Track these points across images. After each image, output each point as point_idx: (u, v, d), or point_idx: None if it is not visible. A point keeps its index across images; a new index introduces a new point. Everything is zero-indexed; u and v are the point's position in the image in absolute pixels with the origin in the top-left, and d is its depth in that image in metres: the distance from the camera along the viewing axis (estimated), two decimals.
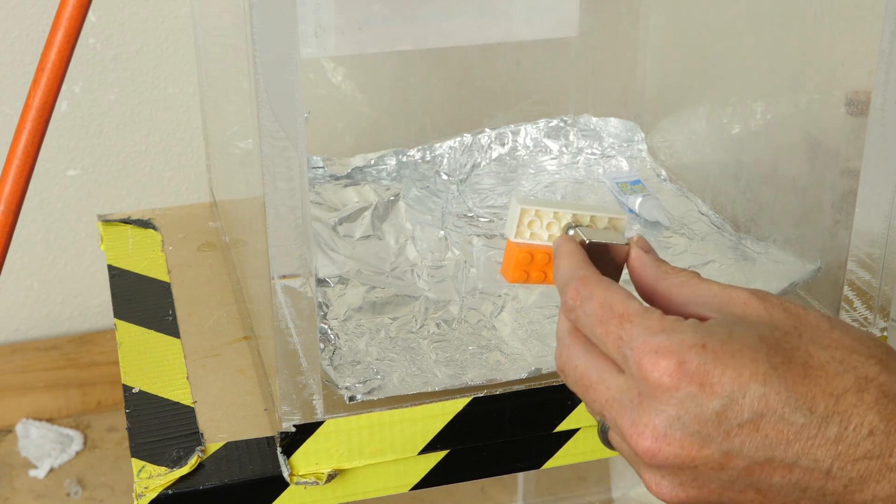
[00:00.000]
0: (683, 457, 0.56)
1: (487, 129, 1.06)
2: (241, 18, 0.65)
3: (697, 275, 0.62)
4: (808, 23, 0.84)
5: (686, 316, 0.59)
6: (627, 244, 0.65)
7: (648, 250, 0.65)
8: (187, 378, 0.82)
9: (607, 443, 0.62)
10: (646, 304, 0.59)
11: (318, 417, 0.73)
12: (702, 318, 0.59)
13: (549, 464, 0.80)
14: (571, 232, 0.69)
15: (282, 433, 0.73)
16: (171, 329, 0.88)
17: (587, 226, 0.70)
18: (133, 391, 0.81)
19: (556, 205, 0.71)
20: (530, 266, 0.71)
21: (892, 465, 0.54)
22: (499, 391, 0.76)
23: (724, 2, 0.97)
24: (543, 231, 0.71)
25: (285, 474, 0.74)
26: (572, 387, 0.61)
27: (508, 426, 0.77)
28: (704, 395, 0.55)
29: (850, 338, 0.58)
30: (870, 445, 0.54)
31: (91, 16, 1.36)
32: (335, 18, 0.97)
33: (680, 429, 0.55)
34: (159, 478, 0.73)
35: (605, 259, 0.66)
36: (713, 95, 1.00)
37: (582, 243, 0.66)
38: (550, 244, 0.70)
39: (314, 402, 0.73)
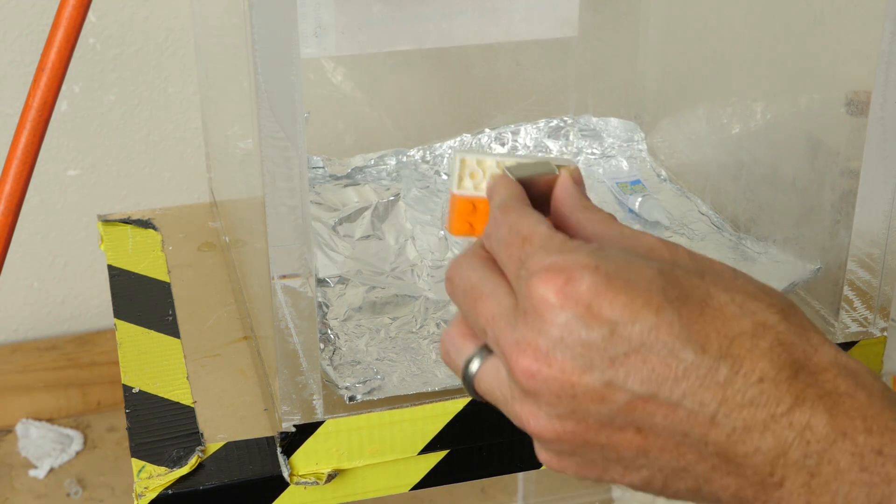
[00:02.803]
0: (563, 381, 0.53)
1: (487, 129, 1.06)
2: (241, 18, 0.65)
3: (613, 217, 0.60)
4: (808, 23, 0.84)
5: None
6: (556, 173, 0.63)
7: (578, 181, 0.62)
8: (187, 378, 0.82)
9: (473, 391, 0.59)
10: (553, 229, 0.57)
11: (318, 417, 0.73)
12: None
13: None
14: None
15: (282, 433, 0.73)
16: (171, 329, 0.88)
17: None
18: (133, 391, 0.81)
19: (498, 155, 0.67)
20: (473, 217, 0.67)
21: (777, 415, 0.51)
22: None
23: (724, 2, 0.97)
24: (486, 182, 0.67)
25: (285, 474, 0.74)
26: (458, 298, 0.58)
27: (508, 426, 0.77)
28: (591, 317, 0.52)
29: (753, 286, 0.55)
30: (757, 392, 0.52)
31: (91, 16, 1.36)
32: (335, 18, 0.97)
33: (562, 351, 0.52)
34: (159, 478, 0.73)
35: (537, 192, 0.63)
36: (713, 95, 1.00)
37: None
38: None
39: (314, 402, 0.73)
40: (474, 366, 0.58)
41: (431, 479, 0.78)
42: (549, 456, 0.57)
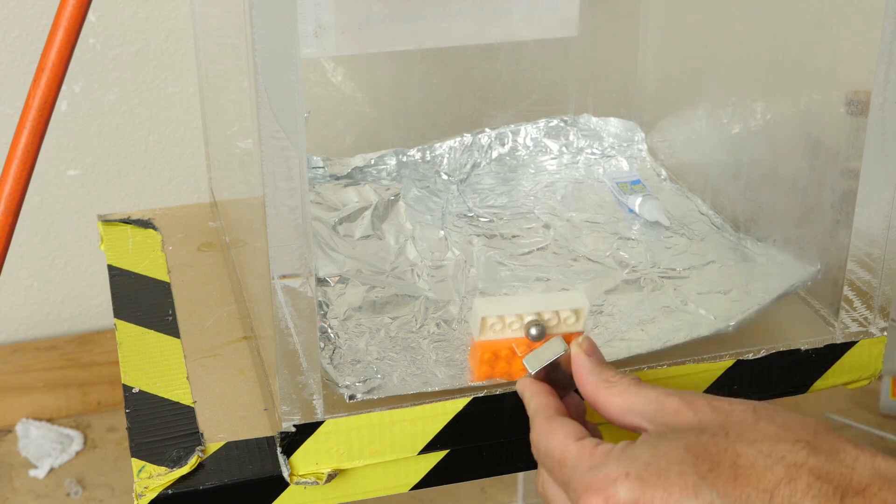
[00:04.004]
0: None
1: (487, 129, 1.06)
2: (241, 18, 0.65)
3: (636, 381, 0.65)
4: (808, 23, 0.84)
5: (624, 425, 0.63)
6: (568, 353, 0.69)
7: (591, 352, 0.68)
8: (187, 378, 0.82)
9: None
10: (580, 440, 0.62)
11: (318, 417, 0.73)
12: (638, 429, 0.63)
13: None
14: (533, 332, 0.73)
15: (282, 433, 0.73)
16: (171, 329, 0.88)
17: (546, 322, 0.74)
18: (133, 391, 0.81)
19: (517, 305, 0.74)
20: (495, 362, 0.75)
21: None
22: (499, 391, 0.76)
23: (724, 2, 0.97)
24: (507, 329, 0.74)
25: (285, 474, 0.74)
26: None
27: (508, 426, 0.77)
28: None
29: (775, 426, 0.59)
30: None
31: (91, 16, 1.36)
32: (335, 18, 0.97)
33: None
34: (159, 478, 0.73)
35: (557, 371, 0.71)
36: (713, 95, 0.99)
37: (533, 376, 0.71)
38: (513, 337, 0.74)
39: (314, 401, 0.73)
40: None
41: (431, 479, 0.78)
42: None
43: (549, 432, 0.64)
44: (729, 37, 0.97)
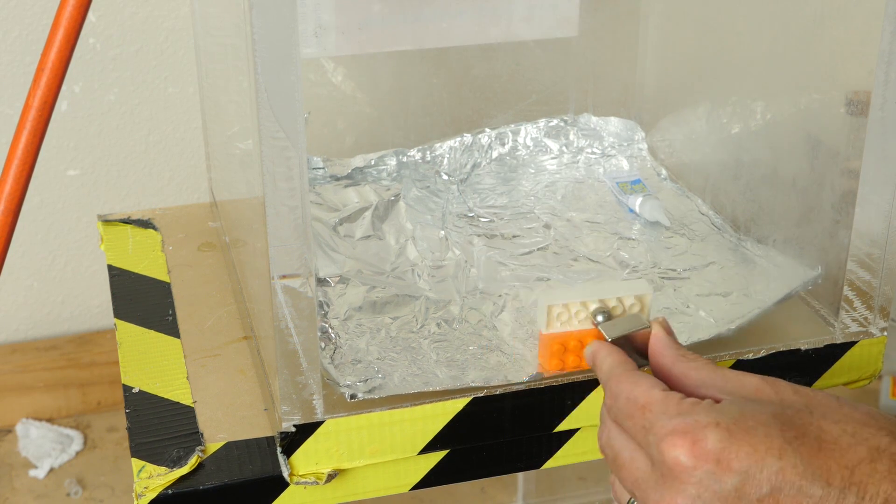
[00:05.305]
0: None
1: (487, 129, 1.06)
2: (241, 18, 0.65)
3: (711, 362, 0.66)
4: (808, 23, 0.84)
5: (701, 397, 0.63)
6: (649, 327, 0.70)
7: (669, 332, 0.69)
8: (187, 378, 0.82)
9: None
10: (666, 391, 0.63)
11: (318, 417, 0.73)
12: (716, 400, 0.62)
13: (549, 464, 0.80)
14: (600, 319, 0.73)
15: (282, 433, 0.73)
16: (171, 329, 0.88)
17: (612, 309, 0.73)
18: (133, 391, 0.81)
19: (581, 293, 0.74)
20: (564, 355, 0.76)
21: None
22: (499, 391, 0.76)
23: (724, 2, 0.97)
24: (573, 319, 0.74)
25: (285, 474, 0.74)
26: (610, 465, 0.65)
27: (508, 426, 0.77)
28: (721, 471, 0.57)
29: (859, 412, 0.60)
30: None
31: (91, 16, 1.36)
32: (335, 18, 0.97)
33: None
34: (159, 478, 0.73)
35: (631, 344, 0.71)
36: (713, 95, 0.99)
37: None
38: (580, 329, 0.74)
39: (314, 401, 0.73)
40: None
41: (431, 479, 0.78)
42: None
43: (634, 381, 0.64)
44: (729, 37, 0.97)
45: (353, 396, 0.74)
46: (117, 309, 0.91)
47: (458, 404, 0.75)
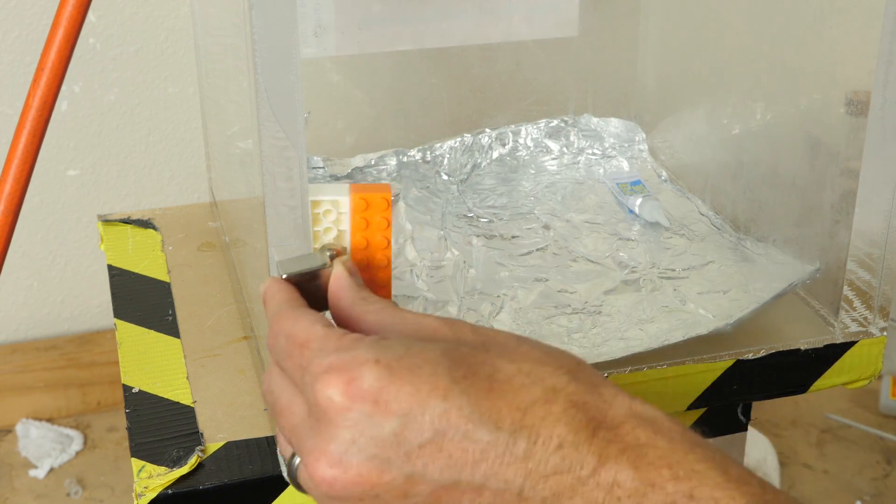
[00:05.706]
0: (363, 484, 0.52)
1: (488, 130, 1.06)
2: (241, 18, 0.65)
3: (394, 304, 0.59)
4: (808, 23, 0.84)
5: None
6: (328, 265, 0.63)
7: (354, 273, 0.62)
8: (187, 378, 0.82)
9: (297, 485, 0.57)
10: (328, 326, 0.56)
11: None
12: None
13: None
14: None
15: None
16: (171, 329, 0.88)
17: (336, 238, 0.67)
18: (133, 391, 0.81)
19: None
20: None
21: (583, 478, 0.51)
22: None
23: (723, 2, 0.97)
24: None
25: (285, 474, 0.74)
26: (270, 414, 0.58)
27: None
28: (380, 413, 0.51)
29: (538, 351, 0.55)
30: (559, 460, 0.51)
31: (91, 16, 1.37)
32: (335, 18, 0.97)
33: (356, 453, 0.51)
34: (159, 477, 0.73)
35: (312, 285, 0.63)
36: (713, 95, 0.99)
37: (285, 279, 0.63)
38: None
39: None
40: (296, 461, 0.57)
41: None
42: None
43: (295, 318, 0.57)
44: (729, 37, 0.97)
45: None
46: (117, 309, 0.91)
47: None
